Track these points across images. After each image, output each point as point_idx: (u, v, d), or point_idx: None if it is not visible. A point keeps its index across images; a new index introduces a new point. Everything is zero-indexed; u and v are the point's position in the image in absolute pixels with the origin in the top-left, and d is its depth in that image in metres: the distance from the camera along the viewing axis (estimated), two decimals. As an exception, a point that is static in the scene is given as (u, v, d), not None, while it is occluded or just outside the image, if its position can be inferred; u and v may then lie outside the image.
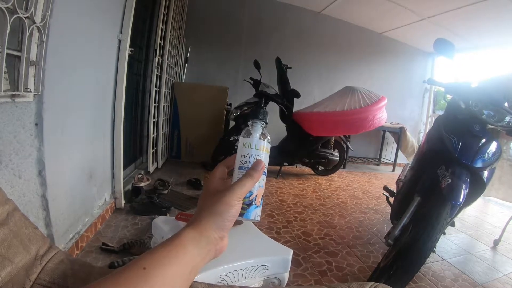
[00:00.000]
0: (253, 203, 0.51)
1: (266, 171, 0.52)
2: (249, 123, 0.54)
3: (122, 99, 1.75)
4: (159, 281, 0.29)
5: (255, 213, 0.51)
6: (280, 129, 3.31)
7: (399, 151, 4.42)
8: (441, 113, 3.67)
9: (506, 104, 1.31)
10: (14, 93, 0.87)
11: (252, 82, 3.23)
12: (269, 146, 0.53)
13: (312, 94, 4.45)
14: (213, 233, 0.38)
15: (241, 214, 0.51)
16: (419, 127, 5.27)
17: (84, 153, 1.44)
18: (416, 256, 1.14)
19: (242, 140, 0.53)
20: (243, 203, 0.51)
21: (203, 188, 0.45)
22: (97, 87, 1.53)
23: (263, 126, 0.54)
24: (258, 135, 0.53)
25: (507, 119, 1.29)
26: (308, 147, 3.20)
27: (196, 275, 0.36)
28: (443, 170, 1.31)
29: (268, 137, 0.53)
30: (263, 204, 0.55)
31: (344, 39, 4.57)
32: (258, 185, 0.53)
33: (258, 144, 0.52)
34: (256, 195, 0.51)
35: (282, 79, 3.19)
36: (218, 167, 0.46)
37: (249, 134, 0.53)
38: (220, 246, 0.39)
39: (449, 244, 1.94)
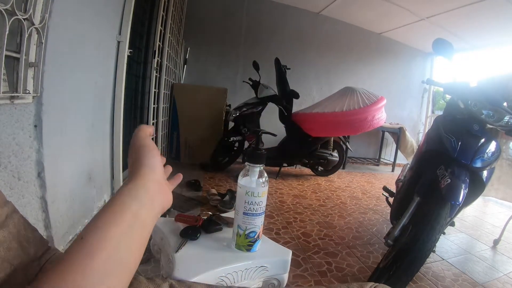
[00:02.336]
0: (258, 239, 0.62)
1: (264, 211, 0.60)
2: (247, 164, 0.57)
3: (121, 101, 1.75)
4: (99, 247, 0.27)
5: (259, 246, 0.62)
6: (280, 130, 3.31)
7: (399, 152, 4.42)
8: (440, 113, 3.67)
9: (505, 103, 1.32)
10: (13, 94, 0.87)
11: (251, 83, 3.23)
12: (267, 187, 0.58)
13: (311, 95, 4.46)
14: (147, 174, 0.38)
15: (248, 250, 0.62)
16: (418, 127, 5.28)
17: (84, 155, 1.44)
18: (416, 256, 1.14)
19: (243, 187, 0.57)
20: (250, 241, 0.62)
21: (130, 146, 0.43)
22: (96, 89, 1.53)
23: (261, 168, 0.58)
24: (257, 180, 0.57)
25: (506, 118, 1.29)
26: (308, 147, 3.21)
27: (150, 229, 0.35)
28: (443, 170, 1.31)
29: (265, 175, 0.58)
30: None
31: (343, 40, 4.58)
32: (261, 224, 0.61)
33: (260, 192, 0.57)
34: (260, 233, 0.60)
35: (281, 80, 3.19)
36: (142, 128, 0.45)
37: (249, 181, 0.57)
38: (163, 195, 0.39)
39: (449, 244, 1.94)
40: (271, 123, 3.47)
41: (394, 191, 1.93)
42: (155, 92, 2.65)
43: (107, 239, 0.28)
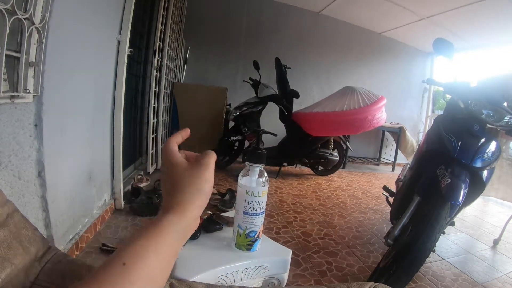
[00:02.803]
0: (258, 239, 0.62)
1: (264, 211, 0.60)
2: (247, 163, 0.57)
3: (121, 100, 1.75)
4: (140, 275, 0.28)
5: (259, 245, 0.62)
6: (280, 129, 3.31)
7: (399, 151, 4.42)
8: (440, 113, 3.67)
9: (505, 103, 1.32)
10: (13, 94, 0.87)
11: (251, 82, 3.23)
12: (267, 186, 0.58)
13: (311, 94, 4.46)
14: (195, 213, 0.36)
15: (248, 249, 0.60)
16: (418, 127, 5.27)
17: (84, 154, 1.44)
18: (415, 255, 1.14)
19: (244, 186, 0.57)
20: (250, 240, 0.60)
21: (166, 165, 0.40)
22: (97, 88, 1.53)
23: (261, 167, 0.58)
24: (257, 179, 0.58)
25: (506, 118, 1.29)
26: (308, 147, 3.20)
27: (176, 258, 0.35)
28: (443, 170, 1.31)
29: (266, 174, 0.58)
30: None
31: (343, 39, 4.58)
32: (261, 223, 0.61)
33: (260, 192, 0.57)
34: (260, 233, 0.60)
35: (282, 80, 3.19)
36: (172, 142, 0.41)
37: (249, 180, 0.57)
38: (196, 224, 0.37)
39: (449, 243, 1.94)
40: (271, 122, 3.46)
41: (394, 190, 1.93)
42: (155, 91, 2.65)
43: (150, 270, 0.29)
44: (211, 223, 0.77)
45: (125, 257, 0.28)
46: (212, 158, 0.40)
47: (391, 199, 1.87)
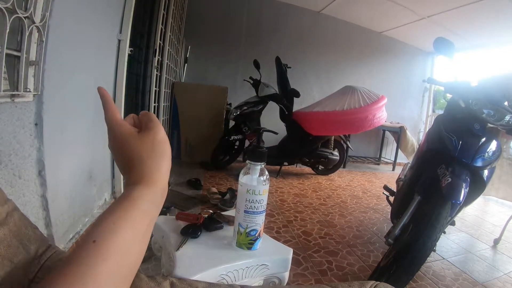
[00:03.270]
0: (259, 237, 0.63)
1: (265, 210, 0.59)
2: (248, 162, 0.57)
3: (121, 99, 1.75)
4: (113, 251, 0.27)
5: (260, 244, 0.62)
6: (280, 129, 3.31)
7: (399, 151, 4.42)
8: (440, 112, 3.66)
9: (506, 103, 1.31)
10: (13, 93, 0.87)
11: (251, 81, 3.23)
12: (268, 185, 0.58)
13: (311, 94, 4.45)
14: (164, 178, 0.35)
15: (249, 248, 0.60)
16: (419, 127, 5.27)
17: (84, 153, 1.44)
18: (416, 255, 1.14)
19: (244, 185, 0.57)
20: (251, 239, 0.61)
21: (115, 137, 0.37)
22: (97, 87, 1.53)
23: (262, 166, 0.58)
24: (257, 177, 0.57)
25: (507, 118, 1.28)
26: (308, 146, 3.20)
27: (151, 229, 0.34)
28: (443, 169, 1.31)
29: (267, 173, 0.58)
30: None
31: (344, 39, 4.57)
32: (262, 222, 0.61)
33: (261, 190, 0.57)
34: (260, 231, 0.61)
35: (282, 79, 3.19)
36: (114, 111, 0.39)
37: (250, 179, 0.57)
38: (166, 188, 0.36)
39: (449, 243, 1.94)
40: (271, 122, 3.46)
41: (395, 190, 1.93)
42: (155, 90, 2.65)
43: (124, 244, 0.28)
44: (211, 222, 0.77)
45: (95, 234, 0.28)
46: (154, 117, 0.39)
47: (391, 199, 1.87)
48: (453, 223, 1.59)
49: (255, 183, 0.57)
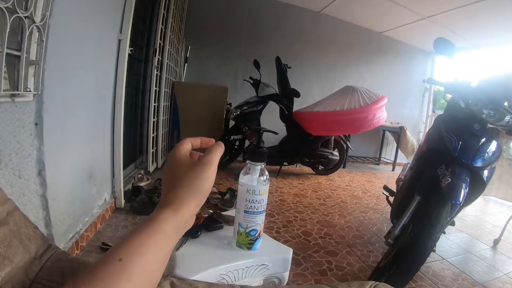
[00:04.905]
0: (259, 237, 0.63)
1: (265, 210, 0.59)
2: (248, 162, 0.57)
3: (122, 99, 1.75)
4: (137, 271, 0.28)
5: (260, 244, 0.62)
6: (280, 129, 3.31)
7: (399, 151, 4.42)
8: (441, 112, 3.66)
9: (506, 103, 1.31)
10: (13, 92, 0.87)
11: (252, 81, 3.23)
12: (268, 185, 0.58)
13: (312, 94, 4.45)
14: (192, 211, 0.37)
15: (249, 248, 0.61)
16: (419, 127, 5.27)
17: (84, 153, 1.44)
18: (416, 255, 1.14)
19: (245, 185, 0.57)
20: (251, 239, 0.60)
21: (169, 161, 0.40)
22: (97, 87, 1.53)
23: (262, 166, 0.58)
24: (257, 177, 0.57)
25: (507, 118, 1.28)
26: (308, 146, 3.20)
27: (170, 253, 0.35)
28: (443, 170, 1.31)
29: (267, 173, 0.58)
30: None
31: (344, 39, 4.57)
32: (262, 222, 0.61)
33: (261, 190, 0.57)
34: (260, 231, 0.60)
35: (282, 79, 3.19)
36: (185, 141, 0.42)
37: (250, 179, 0.57)
38: (191, 221, 0.38)
39: (449, 243, 1.94)
40: (271, 122, 3.46)
41: (395, 190, 1.93)
42: (155, 90, 2.65)
43: (147, 266, 0.30)
44: (211, 222, 0.77)
45: (122, 253, 0.29)
46: (216, 155, 0.40)
47: (391, 199, 1.87)
48: (453, 223, 1.59)
49: (255, 183, 0.57)
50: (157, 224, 0.33)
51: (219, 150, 0.41)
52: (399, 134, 4.35)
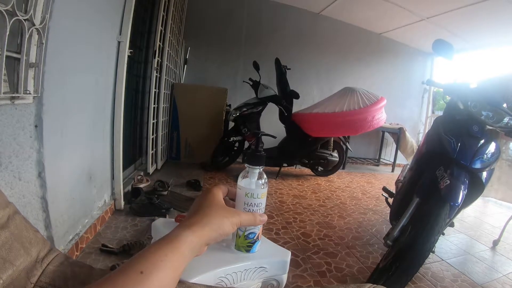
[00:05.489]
0: (257, 240, 0.63)
1: (263, 212, 0.60)
2: (246, 165, 0.57)
3: (121, 101, 1.75)
4: (155, 285, 0.30)
5: (258, 246, 0.63)
6: (280, 130, 3.31)
7: (398, 152, 4.43)
8: (440, 113, 3.66)
9: (504, 105, 1.32)
10: (13, 95, 0.87)
11: (251, 83, 3.23)
12: (266, 188, 0.58)
13: (311, 95, 4.46)
14: (208, 241, 0.40)
15: (247, 251, 0.62)
16: (418, 128, 5.28)
17: (84, 155, 1.45)
18: (415, 256, 1.15)
19: (243, 188, 0.57)
20: (250, 242, 0.61)
21: (209, 195, 0.46)
22: (97, 89, 1.54)
23: (260, 170, 0.58)
24: (256, 181, 0.57)
25: (506, 120, 1.29)
26: (308, 148, 3.21)
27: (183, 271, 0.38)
28: (442, 171, 1.32)
29: (265, 176, 0.58)
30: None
31: (343, 40, 4.58)
32: (260, 225, 0.61)
33: (259, 194, 0.57)
34: (259, 234, 0.62)
35: (282, 80, 3.19)
36: (223, 186, 0.50)
37: (248, 182, 0.57)
38: (204, 249, 0.42)
39: (448, 244, 1.94)
40: (271, 123, 3.47)
41: (394, 191, 1.93)
42: (155, 92, 2.65)
43: (164, 281, 0.31)
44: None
45: (144, 266, 0.31)
46: (250, 222, 0.49)
47: (390, 200, 1.87)
48: (452, 225, 1.59)
49: (253, 186, 0.57)
50: (177, 242, 0.36)
51: (251, 220, 0.50)
52: (398, 135, 4.35)
